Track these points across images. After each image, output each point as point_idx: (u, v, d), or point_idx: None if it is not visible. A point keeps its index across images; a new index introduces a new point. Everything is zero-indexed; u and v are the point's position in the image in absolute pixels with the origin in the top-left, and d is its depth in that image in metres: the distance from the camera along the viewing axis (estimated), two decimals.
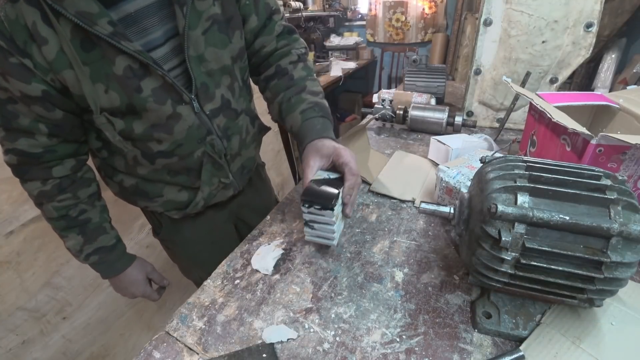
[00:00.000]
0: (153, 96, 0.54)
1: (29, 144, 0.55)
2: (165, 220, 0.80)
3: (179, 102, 0.58)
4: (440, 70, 1.33)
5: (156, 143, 0.60)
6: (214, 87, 0.62)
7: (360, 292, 0.55)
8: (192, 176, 0.69)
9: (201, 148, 0.65)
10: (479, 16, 1.03)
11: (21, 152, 0.56)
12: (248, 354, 0.46)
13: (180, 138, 0.61)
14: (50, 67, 0.49)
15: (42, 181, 0.60)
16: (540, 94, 0.76)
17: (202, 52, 0.57)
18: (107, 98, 0.52)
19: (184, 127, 0.60)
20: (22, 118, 0.53)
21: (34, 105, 0.51)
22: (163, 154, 0.62)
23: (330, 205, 0.56)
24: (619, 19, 2.14)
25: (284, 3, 2.73)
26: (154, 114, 0.56)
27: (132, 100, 0.53)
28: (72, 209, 0.64)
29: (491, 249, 0.43)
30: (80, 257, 0.69)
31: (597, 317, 0.47)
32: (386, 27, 3.66)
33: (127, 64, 0.51)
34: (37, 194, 0.61)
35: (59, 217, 0.63)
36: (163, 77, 0.54)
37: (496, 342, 0.46)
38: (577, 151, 0.62)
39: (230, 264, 0.63)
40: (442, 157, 0.88)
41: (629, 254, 0.38)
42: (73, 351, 1.12)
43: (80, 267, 1.13)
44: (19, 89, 0.49)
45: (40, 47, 0.47)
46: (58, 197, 0.62)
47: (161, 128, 0.58)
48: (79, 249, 0.67)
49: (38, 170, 0.59)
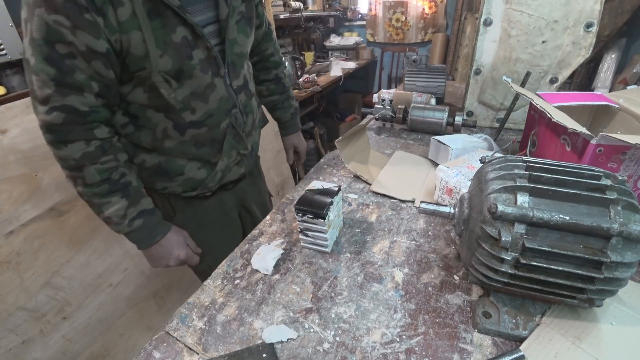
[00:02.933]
0: (199, 65, 0.64)
1: (79, 101, 0.56)
2: (179, 205, 0.82)
3: (216, 75, 0.68)
4: (440, 70, 1.32)
5: (190, 113, 0.68)
6: (239, 67, 0.75)
7: (360, 292, 0.55)
8: (214, 148, 0.76)
9: (227, 120, 0.74)
10: (479, 16, 1.03)
11: (70, 108, 0.56)
12: (248, 354, 0.46)
13: (213, 108, 0.70)
14: (120, 27, 0.54)
15: (86, 142, 0.60)
16: (540, 94, 0.76)
17: (235, 37, 0.71)
18: (161, 62, 0.59)
19: (217, 97, 0.70)
20: (78, 73, 0.54)
21: (95, 60, 0.54)
22: (194, 124, 0.70)
23: (322, 214, 0.58)
24: (619, 19, 2.15)
25: (284, 3, 2.72)
26: (196, 82, 0.65)
27: (183, 65, 0.61)
28: (114, 171, 0.63)
29: (491, 249, 0.43)
30: (124, 223, 0.66)
31: (597, 317, 0.47)
32: (386, 27, 3.66)
33: (184, 34, 0.60)
34: (81, 156, 0.59)
35: (101, 180, 0.62)
36: (208, 51, 0.65)
37: (496, 342, 0.46)
38: (577, 151, 0.62)
39: (230, 264, 0.63)
40: (442, 157, 0.88)
41: (629, 254, 0.38)
42: (73, 351, 1.12)
43: (80, 267, 1.14)
44: (86, 43, 0.52)
45: (115, 9, 0.52)
46: (101, 159, 0.61)
47: (199, 96, 0.67)
48: (123, 213, 0.65)
49: (82, 130, 0.59)
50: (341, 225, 0.70)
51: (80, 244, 1.14)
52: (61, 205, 1.09)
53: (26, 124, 1.01)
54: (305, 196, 0.62)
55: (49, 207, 1.06)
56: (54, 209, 1.07)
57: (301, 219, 0.61)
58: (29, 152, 1.01)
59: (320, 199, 0.61)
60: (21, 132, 1.00)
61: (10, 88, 1.20)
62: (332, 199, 0.61)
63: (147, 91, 0.63)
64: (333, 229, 0.64)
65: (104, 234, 1.22)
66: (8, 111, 0.98)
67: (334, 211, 0.63)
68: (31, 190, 1.02)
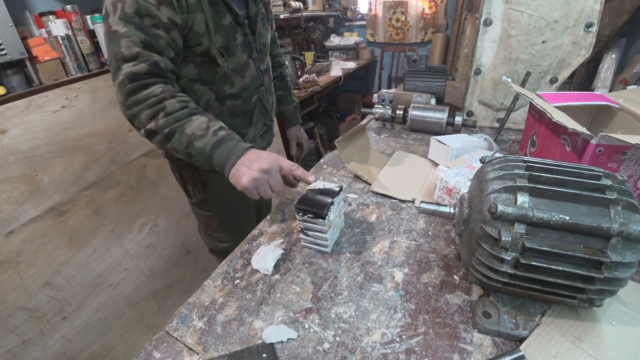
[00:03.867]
0: (240, 45, 0.79)
1: (161, 60, 0.67)
2: (210, 178, 0.92)
3: (249, 56, 0.83)
4: (440, 70, 1.32)
5: (229, 86, 0.81)
6: (265, 54, 0.92)
7: (360, 292, 0.55)
8: (246, 119, 0.89)
9: (256, 95, 0.89)
10: (479, 16, 1.03)
11: (154, 62, 0.65)
12: (248, 354, 0.46)
13: (247, 83, 0.84)
14: (188, 9, 0.68)
15: (164, 83, 0.67)
16: (540, 94, 0.76)
17: (261, 30, 0.86)
18: (215, 39, 0.74)
19: (250, 75, 0.85)
20: (160, 40, 0.66)
21: (173, 30, 0.67)
22: (232, 96, 0.83)
23: (322, 214, 0.58)
24: (619, 19, 2.14)
25: (284, 3, 2.72)
26: (237, 59, 0.80)
27: (230, 43, 0.77)
28: (191, 102, 0.70)
29: (491, 249, 0.43)
30: (208, 133, 0.65)
31: (597, 317, 0.47)
32: (386, 27, 3.66)
33: (231, 20, 0.76)
34: (161, 91, 0.66)
35: (181, 107, 0.67)
36: (245, 35, 0.80)
37: (496, 342, 0.46)
38: (577, 151, 0.62)
39: (230, 264, 0.63)
40: (442, 157, 0.88)
41: (629, 254, 0.38)
42: (73, 351, 1.12)
43: (80, 267, 1.14)
44: (168, 16, 0.65)
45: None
46: (178, 94, 0.68)
47: (238, 72, 0.82)
48: (206, 126, 0.66)
49: (160, 80, 0.67)
50: (342, 225, 0.69)
51: (80, 244, 1.14)
52: (61, 205, 1.09)
53: (26, 124, 1.01)
54: (306, 196, 0.62)
55: (49, 207, 1.06)
56: (54, 209, 1.07)
57: (301, 219, 0.61)
58: (29, 152, 1.01)
59: (321, 199, 0.61)
60: (21, 132, 1.00)
61: (10, 88, 1.20)
62: (333, 199, 0.61)
63: (198, 66, 0.75)
64: (333, 229, 0.64)
65: (104, 234, 1.22)
66: (8, 111, 0.98)
67: (335, 211, 0.63)
68: (31, 190, 1.02)
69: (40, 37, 1.23)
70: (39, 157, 1.04)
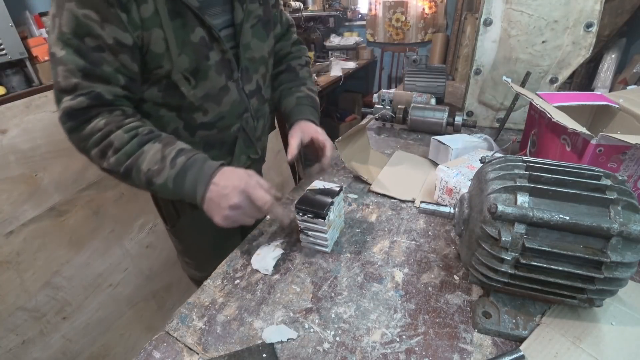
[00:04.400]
0: (215, 66, 0.65)
1: (106, 89, 0.57)
2: (184, 208, 0.81)
3: (229, 78, 0.68)
4: (440, 70, 1.32)
5: (202, 114, 0.68)
6: (252, 72, 0.74)
7: (360, 292, 0.55)
8: (224, 151, 0.76)
9: (238, 123, 0.74)
10: (479, 16, 1.03)
11: (96, 95, 0.56)
12: (248, 354, 0.46)
13: (225, 110, 0.70)
14: (142, 24, 0.55)
15: (109, 112, 0.58)
16: (540, 94, 0.76)
17: (249, 41, 0.70)
18: (179, 60, 0.60)
19: (229, 101, 0.70)
20: (105, 66, 0.55)
21: (122, 54, 0.55)
22: (205, 126, 0.70)
23: (322, 214, 0.58)
24: (619, 19, 2.14)
25: (284, 3, 2.73)
26: (210, 84, 0.65)
27: (200, 65, 0.62)
28: (142, 127, 0.59)
29: (491, 249, 0.43)
30: (165, 165, 0.57)
31: (597, 317, 0.47)
32: (386, 27, 3.66)
33: (202, 35, 0.61)
34: (105, 123, 0.57)
35: (130, 138, 0.57)
36: (224, 53, 0.65)
37: (496, 342, 0.46)
38: (577, 151, 0.62)
39: (230, 264, 0.63)
40: (442, 157, 0.88)
41: (629, 254, 0.38)
42: (73, 351, 1.12)
43: (80, 267, 1.14)
44: (114, 36, 0.53)
45: (139, 6, 0.54)
46: (126, 121, 0.58)
47: (212, 98, 0.67)
48: (161, 156, 0.57)
49: (104, 108, 0.58)
50: (342, 225, 0.70)
51: (80, 244, 1.14)
52: (61, 205, 1.09)
53: (26, 124, 1.01)
54: (306, 195, 0.62)
55: (49, 207, 1.06)
56: (54, 209, 1.07)
57: (301, 219, 0.61)
58: (29, 152, 1.01)
59: (321, 199, 0.61)
60: (21, 132, 1.00)
61: (10, 88, 1.21)
62: (333, 199, 0.61)
63: (162, 90, 0.63)
64: (334, 229, 0.64)
65: (104, 234, 1.22)
66: (8, 111, 0.98)
67: (335, 211, 0.63)
68: (31, 191, 1.02)
69: (40, 37, 1.24)
70: (38, 157, 1.04)
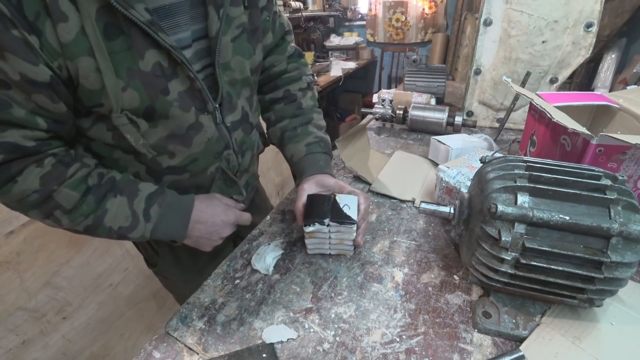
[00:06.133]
0: (178, 101, 0.49)
1: (21, 135, 0.43)
2: (163, 248, 0.70)
3: (202, 111, 0.53)
4: (440, 70, 1.33)
5: (167, 157, 0.54)
6: (236, 98, 0.58)
7: (360, 292, 0.55)
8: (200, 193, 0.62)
9: (216, 164, 0.60)
10: (479, 16, 1.03)
11: (11, 145, 0.42)
12: (248, 354, 0.46)
13: (197, 152, 0.56)
14: (63, 50, 0.39)
15: (37, 163, 0.45)
16: (540, 94, 0.76)
17: (228, 59, 0.54)
18: (124, 97, 0.44)
19: (203, 140, 0.55)
20: (16, 108, 0.40)
21: (36, 93, 0.40)
22: (172, 170, 0.56)
23: (353, 220, 0.57)
24: (619, 19, 2.15)
25: (284, 3, 2.73)
26: (175, 122, 0.50)
27: (155, 103, 0.46)
28: (90, 177, 0.48)
29: (491, 249, 0.43)
30: (139, 222, 0.51)
31: (597, 317, 0.47)
32: (386, 27, 3.66)
33: (157, 60, 0.44)
34: (41, 181, 0.44)
35: (82, 195, 0.47)
36: (192, 81, 0.49)
37: (496, 342, 0.46)
38: (577, 151, 0.62)
39: (230, 264, 0.63)
40: (442, 157, 0.88)
41: (629, 254, 0.38)
42: (73, 351, 1.12)
43: (80, 267, 1.14)
44: (20, 71, 0.38)
45: (55, 25, 0.38)
46: (66, 172, 0.47)
47: (178, 139, 0.52)
48: (131, 212, 0.50)
49: (29, 158, 0.45)
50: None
51: (80, 244, 1.14)
52: None
53: None
54: (307, 204, 0.60)
55: None
56: None
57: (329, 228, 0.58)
58: None
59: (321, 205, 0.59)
60: None
61: None
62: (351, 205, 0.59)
63: (111, 129, 0.48)
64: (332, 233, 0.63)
65: None
66: None
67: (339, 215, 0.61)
68: None
69: None
70: None
